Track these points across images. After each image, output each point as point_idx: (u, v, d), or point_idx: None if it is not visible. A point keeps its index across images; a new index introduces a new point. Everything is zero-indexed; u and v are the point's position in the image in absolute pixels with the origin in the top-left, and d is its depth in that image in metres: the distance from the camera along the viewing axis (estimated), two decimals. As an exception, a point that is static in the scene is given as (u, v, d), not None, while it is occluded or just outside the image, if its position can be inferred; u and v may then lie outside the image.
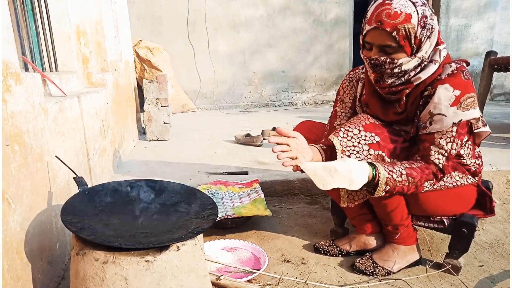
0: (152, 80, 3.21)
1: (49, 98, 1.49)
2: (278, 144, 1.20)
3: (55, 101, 1.40)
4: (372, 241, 1.49)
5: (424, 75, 1.21)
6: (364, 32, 1.21)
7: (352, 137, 1.25)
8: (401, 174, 1.19)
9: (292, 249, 1.58)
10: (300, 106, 5.66)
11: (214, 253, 1.52)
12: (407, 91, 1.25)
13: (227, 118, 4.60)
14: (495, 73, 3.26)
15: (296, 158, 1.18)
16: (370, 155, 1.24)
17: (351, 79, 1.49)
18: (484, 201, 1.38)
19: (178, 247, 0.93)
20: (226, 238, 1.62)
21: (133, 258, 0.88)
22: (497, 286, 1.31)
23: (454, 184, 1.30)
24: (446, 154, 1.21)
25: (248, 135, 3.09)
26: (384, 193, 1.21)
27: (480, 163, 1.36)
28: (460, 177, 1.31)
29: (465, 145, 1.30)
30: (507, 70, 3.03)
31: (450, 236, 1.39)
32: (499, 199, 1.99)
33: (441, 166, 1.21)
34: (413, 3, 1.14)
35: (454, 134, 1.19)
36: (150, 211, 1.10)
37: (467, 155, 1.32)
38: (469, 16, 5.10)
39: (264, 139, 3.10)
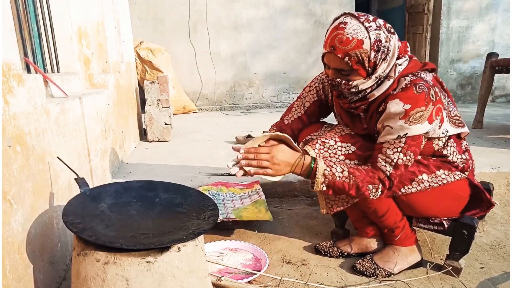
0: (153, 81, 3.21)
1: (50, 99, 1.49)
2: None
3: (57, 102, 1.40)
4: (373, 244, 1.49)
5: (378, 92, 1.24)
6: (322, 53, 1.26)
7: (328, 148, 1.32)
8: (343, 170, 1.23)
9: (293, 250, 1.58)
10: (301, 107, 5.65)
11: (215, 254, 1.52)
12: (363, 107, 1.29)
13: (228, 119, 4.60)
14: (496, 75, 3.26)
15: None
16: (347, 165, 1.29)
17: (322, 80, 1.50)
18: (479, 196, 1.37)
19: (179, 248, 0.93)
20: (227, 239, 1.62)
21: (134, 259, 0.89)
22: (498, 288, 1.31)
23: (441, 182, 1.30)
24: (392, 164, 1.22)
25: (249, 136, 3.09)
26: (324, 187, 1.24)
27: (468, 157, 1.35)
28: (446, 175, 1.31)
29: (447, 144, 1.31)
30: (508, 71, 3.03)
31: (451, 237, 1.39)
32: (500, 200, 1.99)
33: (388, 173, 1.23)
34: (366, 28, 1.16)
35: (402, 145, 1.21)
36: (151, 212, 1.11)
37: (452, 153, 1.32)
38: (470, 18, 5.10)
39: (265, 140, 3.10)
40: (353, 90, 1.24)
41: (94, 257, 0.90)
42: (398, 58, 1.23)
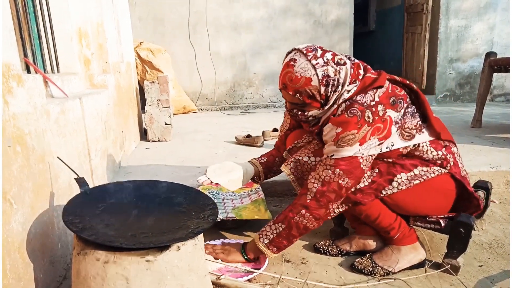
0: (153, 82, 3.22)
1: (51, 100, 1.50)
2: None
3: (57, 103, 1.41)
4: (371, 242, 1.50)
5: (324, 117, 1.33)
6: (279, 88, 1.36)
7: (303, 164, 1.41)
8: (270, 226, 1.35)
9: (292, 249, 1.59)
10: (301, 107, 5.67)
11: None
12: (316, 130, 1.38)
13: (228, 119, 4.61)
14: (495, 74, 3.27)
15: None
16: None
17: None
18: (467, 194, 1.37)
19: (179, 247, 0.94)
20: (227, 238, 1.62)
21: (134, 258, 0.89)
22: (496, 286, 1.31)
23: (421, 179, 1.31)
24: (320, 179, 1.28)
25: (248, 136, 3.10)
26: (276, 250, 1.36)
27: (446, 153, 1.35)
28: (425, 171, 1.32)
29: (418, 146, 1.33)
30: (507, 71, 3.04)
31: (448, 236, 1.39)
32: (499, 199, 2.00)
33: (314, 190, 1.28)
34: (313, 66, 1.21)
35: (332, 163, 1.26)
36: (150, 211, 1.11)
37: (425, 152, 1.34)
38: (469, 17, 5.11)
39: (264, 139, 3.11)
40: (310, 119, 1.33)
41: (94, 256, 0.90)
42: (349, 84, 1.27)
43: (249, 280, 1.32)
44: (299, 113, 1.32)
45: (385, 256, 1.42)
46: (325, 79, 1.21)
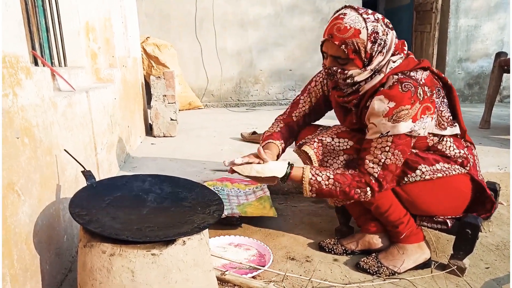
0: (159, 77, 3.22)
1: (58, 93, 1.50)
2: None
3: (64, 96, 1.41)
4: (376, 241, 1.49)
5: (367, 86, 1.27)
6: (321, 42, 1.29)
7: (326, 145, 1.35)
8: (328, 178, 1.26)
9: (297, 247, 1.58)
10: (307, 105, 5.65)
11: (219, 249, 1.53)
12: (355, 101, 1.31)
13: (234, 115, 4.61)
14: (504, 75, 3.23)
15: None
16: (345, 160, 1.33)
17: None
18: (483, 195, 1.35)
19: (184, 241, 0.94)
20: (231, 234, 1.62)
21: (139, 251, 0.89)
22: (503, 288, 1.30)
23: (441, 174, 1.30)
24: (380, 164, 1.24)
25: (254, 133, 3.09)
26: (311, 194, 1.28)
27: (468, 153, 1.34)
28: (446, 168, 1.30)
29: (442, 139, 1.32)
30: (517, 71, 3.00)
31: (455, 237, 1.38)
32: (507, 201, 1.98)
33: (376, 175, 1.24)
34: (364, 19, 1.19)
35: (390, 144, 1.22)
36: (156, 206, 1.11)
37: (448, 147, 1.33)
38: (479, 17, 5.05)
39: (270, 137, 3.10)
40: (348, 80, 1.26)
41: (100, 248, 0.91)
42: (393, 54, 1.25)
43: (253, 277, 1.31)
44: (339, 70, 1.25)
45: (391, 256, 1.41)
46: (373, 35, 1.19)
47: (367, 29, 1.18)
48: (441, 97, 1.30)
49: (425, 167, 1.29)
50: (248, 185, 1.97)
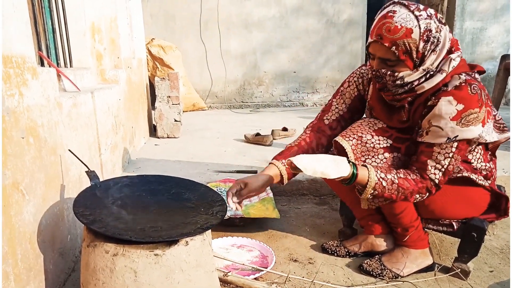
0: (164, 78, 3.23)
1: (63, 93, 1.51)
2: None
3: (69, 96, 1.42)
4: (380, 242, 1.48)
5: (428, 85, 1.19)
6: (367, 43, 1.21)
7: (366, 143, 1.26)
8: (392, 182, 1.20)
9: (300, 249, 1.58)
10: (311, 106, 5.65)
11: (222, 250, 1.53)
12: (410, 99, 1.24)
13: (237, 117, 4.61)
14: (510, 77, 3.21)
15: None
16: (386, 158, 1.26)
17: (362, 74, 1.44)
18: (498, 203, 1.35)
19: (187, 242, 0.94)
20: (234, 236, 1.62)
21: (142, 252, 0.90)
22: (507, 292, 1.29)
23: (466, 183, 1.28)
24: (443, 170, 1.19)
25: (258, 134, 3.10)
26: (371, 197, 1.22)
27: (493, 167, 1.34)
28: (472, 177, 1.28)
29: (474, 149, 1.29)
30: (523, 74, 2.98)
31: (460, 239, 1.37)
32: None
33: (437, 181, 1.20)
34: (416, 16, 1.11)
35: (454, 150, 1.17)
36: (160, 206, 1.12)
37: (477, 159, 1.30)
38: (485, 19, 5.03)
39: (274, 139, 3.10)
40: (398, 82, 1.19)
41: (103, 248, 0.91)
42: (450, 52, 1.18)
43: (256, 279, 1.31)
44: (388, 73, 1.18)
45: (395, 259, 1.40)
46: (426, 34, 1.11)
47: (420, 28, 1.10)
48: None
49: (454, 172, 1.27)
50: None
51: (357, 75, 1.45)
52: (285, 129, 3.32)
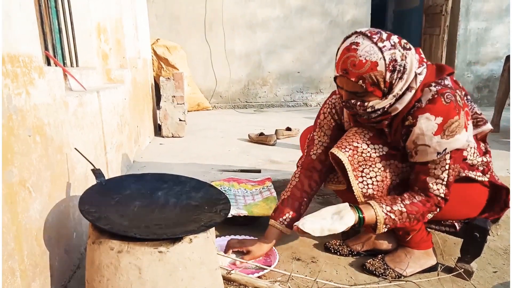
0: (169, 78, 3.25)
1: (69, 93, 1.53)
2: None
3: (75, 96, 1.44)
4: (382, 241, 1.48)
5: (400, 106, 1.19)
6: (334, 75, 1.21)
7: (362, 152, 1.25)
8: (401, 212, 1.20)
9: (303, 248, 1.59)
10: (315, 107, 5.65)
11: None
12: (386, 122, 1.24)
13: (242, 117, 4.62)
14: (511, 79, 3.20)
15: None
16: (383, 167, 1.25)
17: (334, 104, 1.44)
18: (498, 196, 1.35)
19: (191, 239, 0.95)
20: (238, 234, 1.63)
21: (147, 249, 0.91)
22: (511, 293, 1.29)
23: (465, 181, 1.28)
24: (444, 183, 1.19)
25: (261, 134, 3.10)
26: (386, 230, 1.23)
27: (489, 160, 1.33)
28: (471, 175, 1.29)
29: (468, 145, 1.28)
30: (528, 74, 2.97)
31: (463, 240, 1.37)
32: None
33: (442, 195, 1.20)
34: (380, 48, 1.10)
35: (448, 161, 1.17)
36: (164, 204, 1.13)
37: (472, 154, 1.30)
38: (490, 20, 5.00)
39: (277, 138, 3.11)
40: (368, 109, 1.19)
41: (108, 245, 0.92)
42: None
43: (259, 277, 1.32)
44: (358, 103, 1.18)
45: (398, 259, 1.40)
46: (391, 64, 1.10)
47: (385, 60, 1.10)
48: (463, 95, 1.24)
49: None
50: (255, 185, 1.98)
51: (330, 105, 1.45)
52: (288, 129, 3.33)
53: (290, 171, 2.20)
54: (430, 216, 1.23)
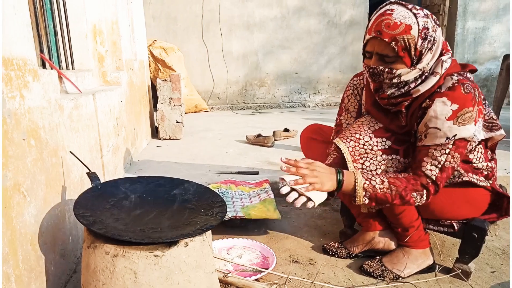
0: (165, 80, 3.25)
1: (65, 95, 1.52)
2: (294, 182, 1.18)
3: (71, 98, 1.43)
4: (378, 239, 1.48)
5: (423, 88, 1.20)
6: (365, 41, 1.22)
7: (364, 145, 1.26)
8: (382, 181, 1.19)
9: (301, 250, 1.58)
10: (313, 107, 5.65)
11: (223, 251, 1.53)
12: (406, 103, 1.24)
13: (239, 118, 4.62)
14: (511, 79, 3.20)
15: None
16: (384, 160, 1.25)
17: (355, 86, 1.47)
18: (499, 203, 1.35)
19: (187, 243, 0.94)
20: (235, 237, 1.63)
21: (142, 253, 0.90)
22: (509, 293, 1.29)
23: (468, 184, 1.28)
24: (439, 166, 1.18)
25: (259, 135, 3.10)
26: (366, 200, 1.20)
27: (494, 166, 1.33)
28: (475, 178, 1.29)
29: (474, 149, 1.28)
30: (525, 74, 2.97)
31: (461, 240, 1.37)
32: None
33: (433, 177, 1.19)
34: (414, 14, 1.13)
35: (450, 147, 1.17)
36: (160, 207, 1.12)
37: (478, 158, 1.30)
38: (487, 19, 5.02)
39: (275, 140, 3.10)
40: (395, 80, 1.19)
41: (103, 249, 0.91)
42: (441, 54, 1.20)
43: (256, 280, 1.31)
44: (386, 70, 1.18)
45: (395, 259, 1.40)
46: (424, 31, 1.13)
47: (418, 25, 1.12)
48: (482, 99, 1.25)
49: (454, 176, 1.27)
50: (253, 187, 1.98)
51: (352, 87, 1.47)
52: (286, 130, 3.33)
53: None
54: (415, 196, 1.19)
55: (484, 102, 1.27)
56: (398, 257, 1.40)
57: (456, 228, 1.36)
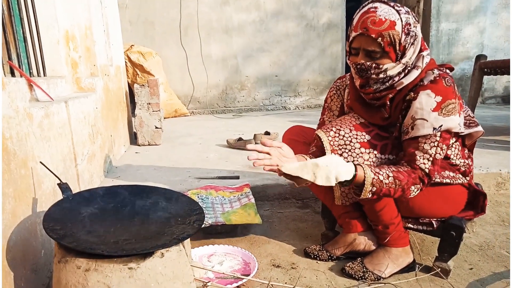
0: (143, 85, 3.19)
1: (35, 103, 1.47)
2: (257, 151, 1.19)
3: (41, 106, 1.38)
4: (359, 241, 1.48)
5: (406, 81, 1.25)
6: (351, 38, 1.26)
7: (343, 136, 1.29)
8: (388, 176, 1.20)
9: (282, 254, 1.57)
10: (293, 110, 5.67)
11: (203, 258, 1.50)
12: (390, 96, 1.28)
13: (220, 122, 4.59)
14: (486, 77, 3.29)
15: (276, 166, 1.17)
16: (362, 153, 1.27)
17: (338, 87, 1.53)
18: (476, 201, 1.38)
19: (163, 253, 0.92)
20: (216, 243, 1.60)
21: (116, 266, 0.87)
22: (487, 289, 1.31)
23: (446, 181, 1.30)
24: (431, 159, 1.22)
25: (240, 139, 3.08)
26: (370, 195, 1.22)
27: (470, 163, 1.37)
28: (451, 177, 1.32)
29: (452, 145, 1.31)
30: (497, 73, 3.06)
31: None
32: (490, 201, 2.00)
33: (427, 170, 1.22)
34: (397, 11, 1.19)
35: (438, 139, 1.21)
36: (135, 217, 1.09)
37: (455, 155, 1.33)
38: (460, 21, 5.16)
39: (256, 143, 3.09)
40: (381, 75, 1.23)
41: (74, 264, 0.88)
42: (421, 50, 1.25)
43: (238, 287, 1.29)
44: (373, 65, 1.22)
45: (376, 260, 1.40)
46: (406, 27, 1.19)
47: (402, 21, 1.18)
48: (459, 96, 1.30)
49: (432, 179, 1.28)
50: (233, 192, 1.95)
51: (335, 88, 1.54)
52: (267, 133, 3.32)
53: (269, 176, 2.19)
54: (413, 190, 1.23)
55: (462, 100, 1.31)
56: (379, 257, 1.41)
57: (435, 226, 1.37)
